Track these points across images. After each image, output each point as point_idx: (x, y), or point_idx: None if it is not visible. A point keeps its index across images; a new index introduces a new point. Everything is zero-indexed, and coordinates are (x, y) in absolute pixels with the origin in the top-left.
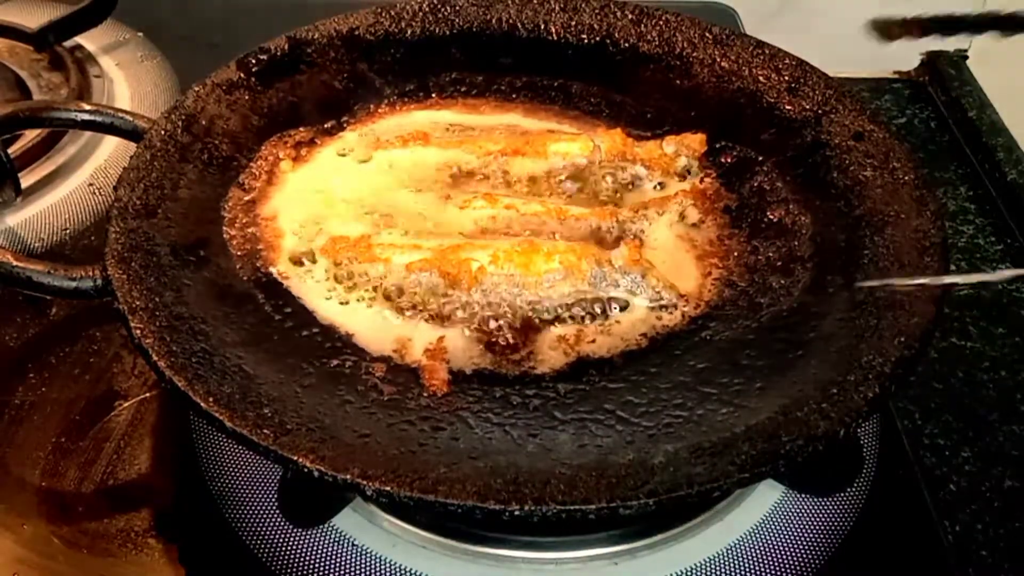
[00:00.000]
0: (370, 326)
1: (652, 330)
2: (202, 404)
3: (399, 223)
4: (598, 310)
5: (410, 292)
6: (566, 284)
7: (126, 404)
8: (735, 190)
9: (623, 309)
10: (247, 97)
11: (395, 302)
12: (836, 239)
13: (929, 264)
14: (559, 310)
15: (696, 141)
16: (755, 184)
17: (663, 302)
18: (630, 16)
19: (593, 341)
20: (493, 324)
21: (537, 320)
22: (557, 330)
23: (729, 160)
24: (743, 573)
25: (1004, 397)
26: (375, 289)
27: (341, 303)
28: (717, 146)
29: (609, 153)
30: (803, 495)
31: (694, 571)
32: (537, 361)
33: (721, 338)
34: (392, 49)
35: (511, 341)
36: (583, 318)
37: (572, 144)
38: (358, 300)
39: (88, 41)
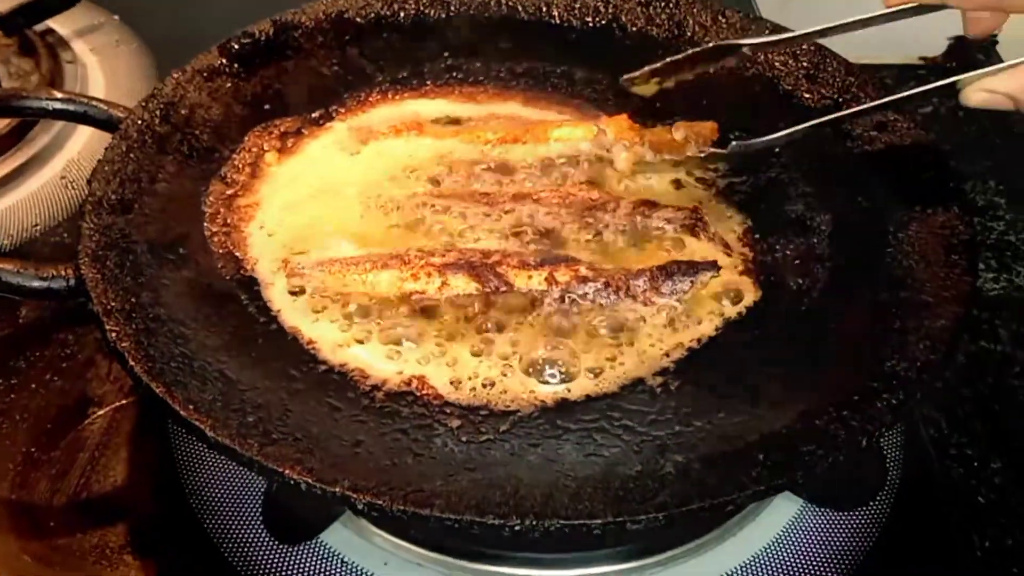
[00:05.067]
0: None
1: (661, 335)
2: (181, 412)
3: (391, 220)
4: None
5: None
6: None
7: (101, 412)
8: (750, 184)
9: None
10: (229, 85)
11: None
12: (857, 236)
13: (957, 262)
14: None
15: (707, 129)
16: (771, 177)
17: None
18: None
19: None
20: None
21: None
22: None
23: (742, 153)
24: None
25: None
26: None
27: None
28: (731, 137)
29: (616, 138)
30: (822, 509)
31: None
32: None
33: (735, 342)
34: (384, 33)
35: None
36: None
37: (575, 129)
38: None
39: (60, 25)
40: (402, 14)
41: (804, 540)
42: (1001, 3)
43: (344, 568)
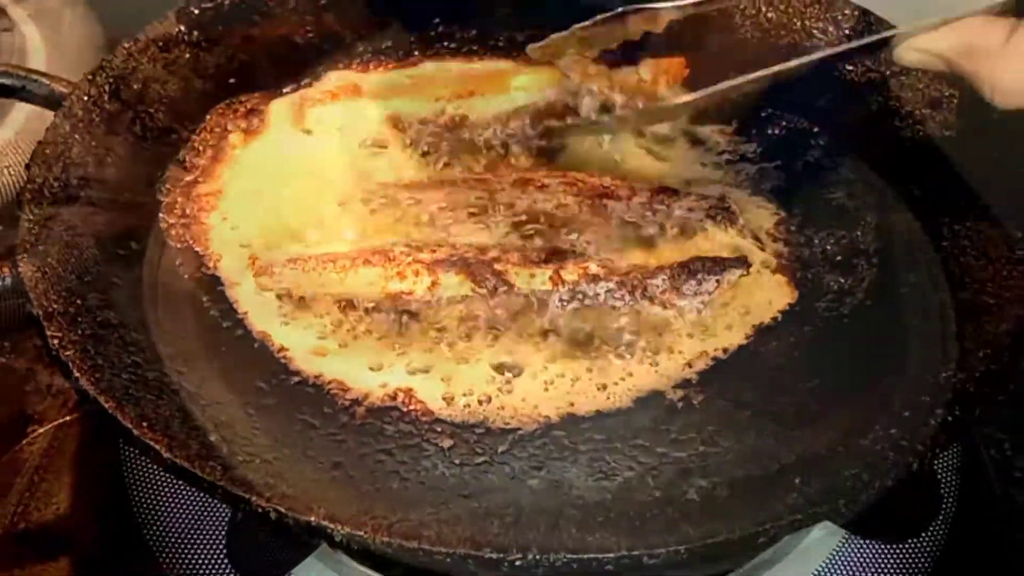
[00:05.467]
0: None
1: (683, 342)
2: (134, 430)
3: (374, 209)
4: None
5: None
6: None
7: (41, 430)
8: (784, 168)
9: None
10: (189, 56)
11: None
12: (907, 228)
13: (1022, 259)
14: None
15: (675, 65)
16: (808, 162)
17: None
18: None
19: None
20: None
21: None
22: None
23: (777, 132)
24: None
25: None
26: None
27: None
28: (763, 115)
29: (582, 82)
30: (868, 542)
31: None
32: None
33: (767, 350)
34: None
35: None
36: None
37: (537, 76)
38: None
39: None
40: None
41: None
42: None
43: None
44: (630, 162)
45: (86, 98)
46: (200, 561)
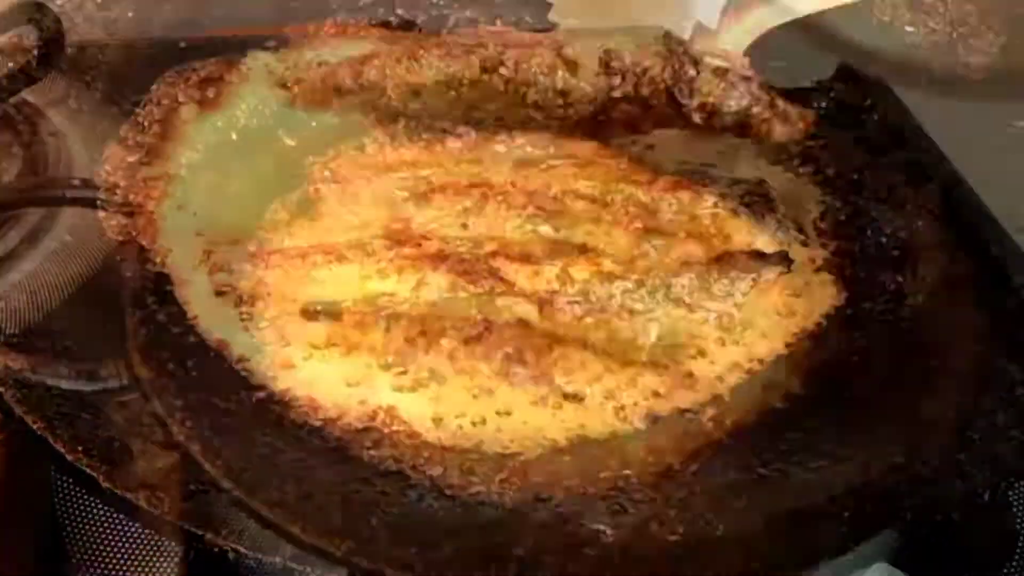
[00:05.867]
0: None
1: (713, 352)
2: (67, 454)
3: (349, 195)
4: None
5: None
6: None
7: None
8: (832, 148)
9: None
10: (131, 15)
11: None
12: (977, 216)
13: None
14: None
15: None
16: (859, 137)
17: None
18: None
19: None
20: None
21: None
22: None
23: (824, 105)
24: None
25: None
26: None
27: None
28: (807, 86)
29: None
30: None
31: None
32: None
33: (811, 360)
34: None
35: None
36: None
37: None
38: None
39: None
40: None
41: None
42: None
43: None
44: (650, 138)
45: (11, 65)
46: None
